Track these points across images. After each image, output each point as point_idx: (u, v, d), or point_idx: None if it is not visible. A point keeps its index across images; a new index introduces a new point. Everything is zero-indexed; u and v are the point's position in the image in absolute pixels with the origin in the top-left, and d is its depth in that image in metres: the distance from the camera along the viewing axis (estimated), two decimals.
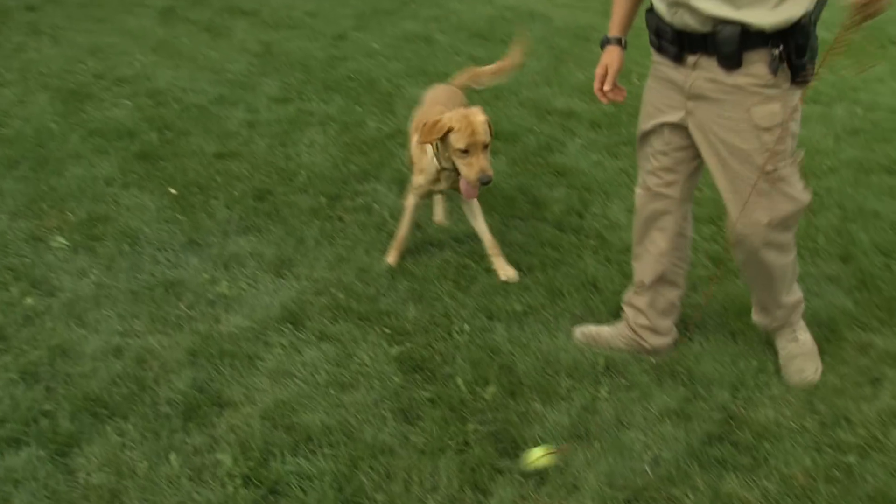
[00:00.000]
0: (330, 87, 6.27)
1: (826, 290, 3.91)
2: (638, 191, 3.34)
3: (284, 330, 3.51)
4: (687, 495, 2.78)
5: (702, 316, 3.60)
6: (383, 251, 4.06)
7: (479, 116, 3.65)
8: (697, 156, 3.12)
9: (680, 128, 3.07)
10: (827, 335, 3.58)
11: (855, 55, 3.11)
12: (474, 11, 8.44)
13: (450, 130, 3.59)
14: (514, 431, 2.99)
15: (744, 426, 3.09)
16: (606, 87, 3.15)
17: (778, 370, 3.36)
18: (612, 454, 2.91)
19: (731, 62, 2.81)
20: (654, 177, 3.23)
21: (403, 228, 3.99)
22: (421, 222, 4.30)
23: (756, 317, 3.45)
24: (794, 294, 3.37)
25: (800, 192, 3.04)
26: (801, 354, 3.35)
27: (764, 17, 2.74)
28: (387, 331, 3.51)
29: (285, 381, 3.23)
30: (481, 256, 4.02)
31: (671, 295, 3.40)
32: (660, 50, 3.01)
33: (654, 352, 3.41)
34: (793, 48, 2.78)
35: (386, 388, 3.19)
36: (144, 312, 3.61)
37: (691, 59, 2.90)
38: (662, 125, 3.10)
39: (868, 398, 3.25)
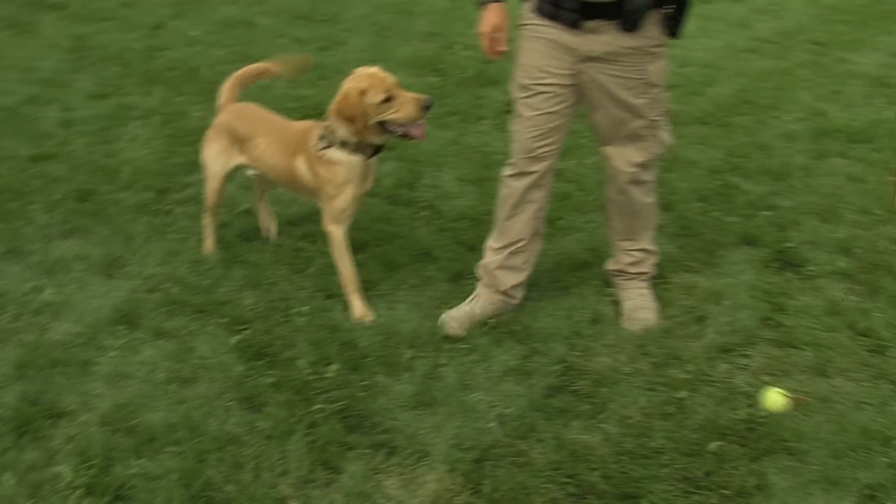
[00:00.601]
0: (150, 78, 6.07)
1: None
2: (516, 159, 3.36)
3: (118, 331, 3.41)
4: (532, 447, 2.87)
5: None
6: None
7: (367, 68, 3.41)
8: (575, 110, 3.30)
9: (567, 87, 3.18)
10: (654, 280, 3.75)
11: None
12: None
13: (363, 93, 3.26)
14: (361, 406, 3.01)
15: (582, 375, 3.21)
16: (501, 47, 3.19)
17: (611, 319, 3.50)
18: (458, 417, 2.97)
19: (634, 26, 2.99)
20: (534, 141, 3.26)
21: (349, 269, 3.53)
22: (251, 209, 4.24)
23: (612, 264, 3.67)
24: (653, 245, 3.64)
25: (666, 136, 3.37)
26: (646, 307, 3.54)
27: None
28: (225, 320, 3.46)
29: (123, 383, 3.14)
30: (315, 238, 3.99)
31: (539, 247, 3.57)
32: (553, 17, 3.06)
33: (518, 305, 3.56)
34: (679, 7, 3.03)
35: (228, 378, 3.15)
36: None
37: (590, 24, 3.02)
38: (550, 85, 3.17)
39: (695, 336, 3.44)
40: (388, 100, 3.28)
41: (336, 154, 3.40)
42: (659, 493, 2.70)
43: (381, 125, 3.32)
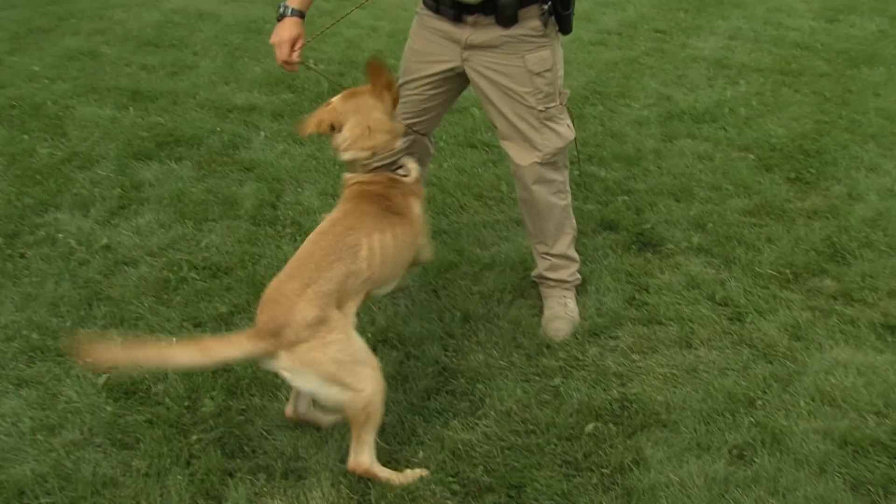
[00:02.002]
0: None
1: (515, 233, 4.18)
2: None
3: None
4: (416, 452, 2.89)
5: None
6: (74, 281, 3.84)
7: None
8: (454, 98, 3.51)
9: (451, 74, 3.34)
10: (521, 275, 3.83)
11: None
12: (140, 18, 8.11)
13: (335, 128, 2.89)
14: (238, 431, 2.96)
15: (458, 375, 3.25)
16: (295, 58, 3.16)
17: (481, 316, 3.55)
18: (338, 431, 2.95)
19: (509, 20, 3.14)
20: (408, 118, 3.41)
21: None
22: (112, 243, 4.12)
23: (535, 272, 3.68)
24: (571, 252, 3.64)
25: (566, 130, 3.38)
26: (563, 318, 3.53)
27: None
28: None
29: None
30: (180, 266, 3.91)
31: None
32: (437, 11, 3.24)
33: None
34: (559, 3, 3.16)
35: (98, 420, 3.04)
36: None
37: (470, 18, 3.17)
38: (432, 74, 3.34)
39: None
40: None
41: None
42: (542, 480, 2.76)
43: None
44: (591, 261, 3.96)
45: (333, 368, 2.55)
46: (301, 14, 3.13)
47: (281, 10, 3.13)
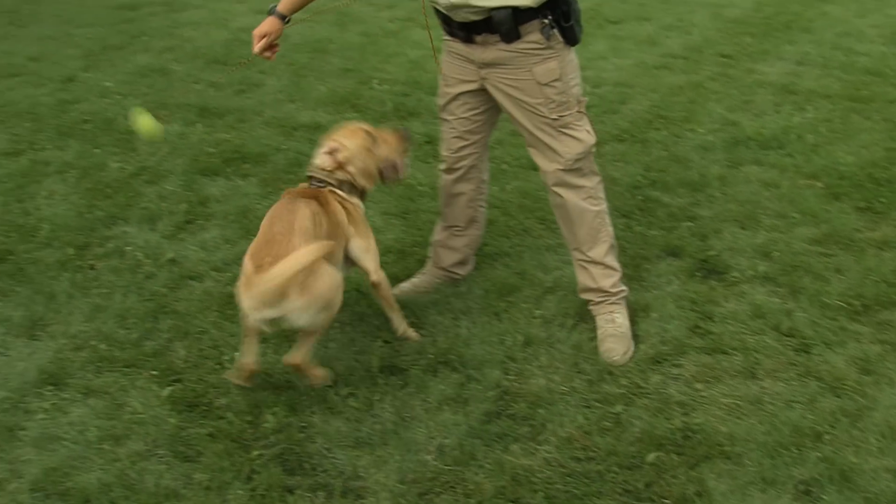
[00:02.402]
0: (64, 132, 5.95)
1: None
2: (444, 156, 3.79)
3: (45, 393, 3.31)
4: (476, 474, 2.88)
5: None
6: (140, 294, 3.92)
7: (340, 129, 3.62)
8: (494, 115, 3.66)
9: (478, 93, 3.53)
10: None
11: None
12: (209, 37, 8.28)
13: (342, 165, 3.51)
14: (299, 449, 2.98)
15: (518, 398, 3.23)
16: (267, 53, 3.52)
17: (542, 341, 3.54)
18: (398, 451, 2.96)
19: (511, 36, 3.27)
20: (457, 142, 3.70)
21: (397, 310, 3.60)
22: (178, 257, 4.19)
23: (578, 287, 3.72)
24: (610, 261, 3.66)
25: (585, 135, 3.46)
26: (613, 335, 3.52)
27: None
28: (156, 373, 3.39)
29: (53, 445, 3.05)
30: None
31: (477, 233, 3.96)
32: (451, 35, 3.46)
33: (462, 279, 3.96)
34: (560, 15, 3.27)
35: (162, 431, 3.09)
36: None
37: (479, 38, 3.34)
38: (462, 93, 3.56)
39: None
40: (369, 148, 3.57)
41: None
42: None
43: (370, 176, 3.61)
44: (655, 287, 3.92)
45: (331, 294, 3.08)
46: (281, 16, 3.47)
47: (269, 7, 3.52)
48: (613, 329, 3.55)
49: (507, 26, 3.25)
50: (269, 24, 3.48)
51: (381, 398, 3.21)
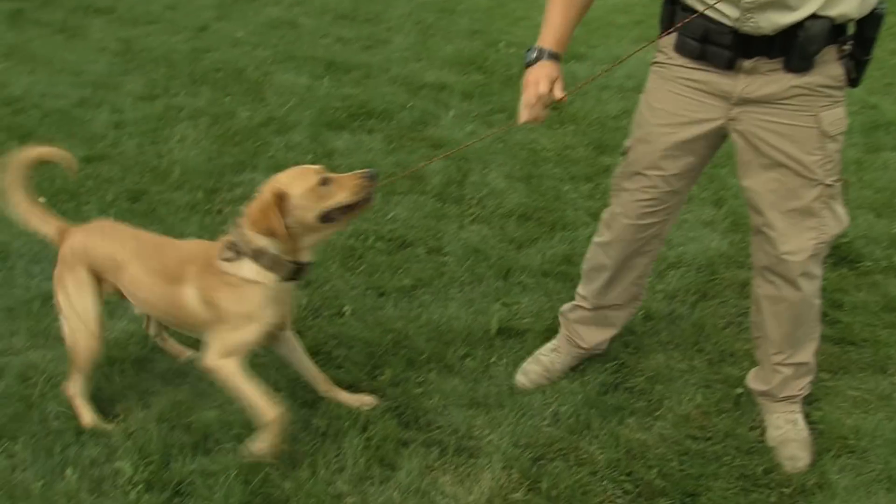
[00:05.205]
0: (196, 80, 6.12)
1: (703, 235, 4.06)
2: (615, 211, 2.88)
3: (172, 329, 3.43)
4: (590, 443, 2.86)
5: None
6: None
7: (293, 170, 2.69)
8: (711, 158, 2.77)
9: (711, 136, 2.63)
10: (707, 277, 3.73)
11: None
12: None
13: (282, 197, 2.58)
14: (415, 404, 3.01)
15: (636, 372, 3.19)
16: (540, 114, 2.58)
17: (664, 316, 3.47)
18: (513, 414, 2.96)
19: (805, 64, 2.38)
20: (645, 206, 2.78)
21: (257, 395, 2.73)
22: None
23: (756, 381, 3.00)
24: (812, 358, 2.91)
25: (844, 214, 2.64)
26: (797, 440, 2.87)
27: (852, 7, 2.35)
28: None
29: (178, 381, 3.16)
30: (366, 236, 4.01)
31: (634, 309, 3.17)
32: (701, 57, 2.50)
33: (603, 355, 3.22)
34: (859, 46, 2.42)
35: (282, 375, 3.15)
36: (23, 328, 3.46)
37: (748, 63, 2.44)
38: (688, 141, 2.63)
39: (749, 332, 3.39)
40: (324, 183, 2.60)
41: (246, 270, 2.67)
42: (718, 491, 2.68)
43: (325, 217, 2.63)
44: None
45: None
46: (556, 56, 2.59)
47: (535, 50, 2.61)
48: (795, 433, 2.88)
49: (814, 48, 2.35)
50: (547, 71, 2.54)
51: (498, 360, 3.22)
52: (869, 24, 2.40)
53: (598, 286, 3.02)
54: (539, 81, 2.52)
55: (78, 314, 2.91)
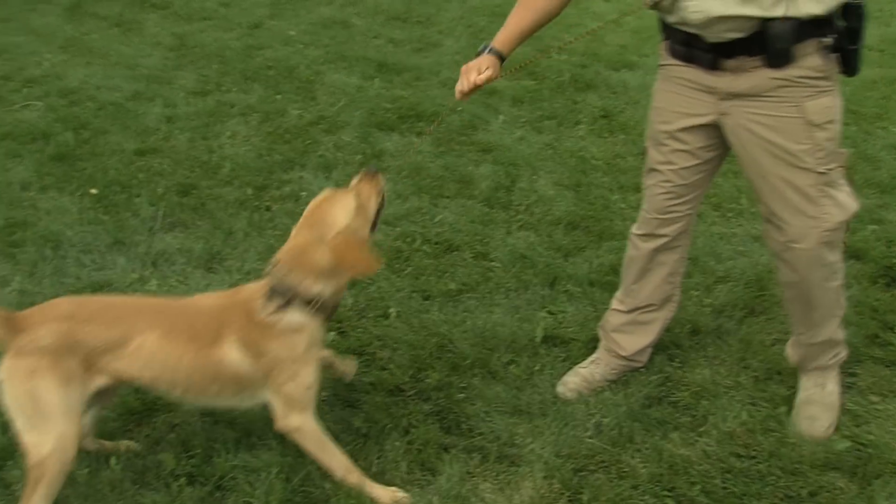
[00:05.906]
0: (248, 76, 6.18)
1: (752, 249, 4.01)
2: (646, 217, 3.02)
3: None
4: (633, 457, 2.83)
5: None
6: None
7: (324, 203, 2.66)
8: (719, 163, 2.91)
9: (707, 129, 2.77)
10: (755, 293, 3.68)
11: None
12: None
13: (352, 232, 2.57)
14: (457, 409, 3.01)
15: (681, 387, 3.15)
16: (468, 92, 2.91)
17: (711, 331, 3.43)
18: (556, 424, 2.94)
19: (782, 59, 2.51)
20: (668, 199, 2.92)
21: (341, 458, 2.68)
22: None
23: (790, 349, 3.18)
24: (836, 333, 3.03)
25: (847, 199, 2.71)
26: (820, 403, 3.01)
27: (816, 4, 2.47)
28: None
29: None
30: (413, 238, 4.01)
31: (671, 313, 3.22)
32: (688, 59, 2.68)
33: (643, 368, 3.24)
34: (845, 35, 2.54)
35: (324, 375, 3.17)
36: None
37: (730, 63, 2.59)
38: (685, 130, 2.79)
39: None
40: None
41: (296, 317, 2.54)
42: None
43: (373, 227, 2.71)
44: None
45: None
46: (501, 56, 2.95)
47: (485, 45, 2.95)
48: (820, 396, 3.01)
49: (783, 44, 2.48)
50: (485, 62, 2.90)
51: (542, 369, 3.21)
52: (851, 16, 2.54)
53: (631, 279, 3.13)
54: (470, 70, 2.88)
55: (58, 418, 2.41)
